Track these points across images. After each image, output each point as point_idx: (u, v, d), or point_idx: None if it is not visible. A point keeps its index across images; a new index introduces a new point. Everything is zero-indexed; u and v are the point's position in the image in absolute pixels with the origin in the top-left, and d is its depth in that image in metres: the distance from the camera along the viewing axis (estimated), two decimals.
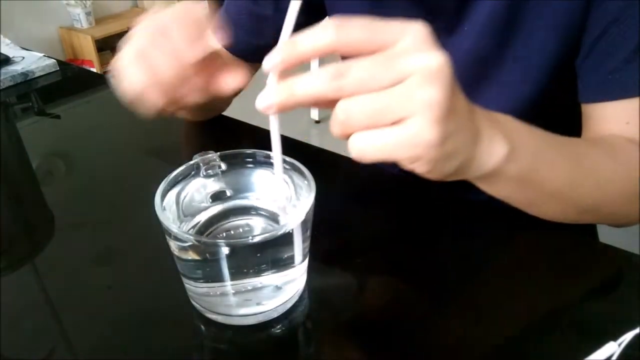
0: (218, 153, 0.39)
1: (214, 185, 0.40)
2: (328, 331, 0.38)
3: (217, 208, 0.40)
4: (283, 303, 0.37)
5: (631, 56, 0.44)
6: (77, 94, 0.77)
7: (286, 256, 0.35)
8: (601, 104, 0.47)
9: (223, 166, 0.39)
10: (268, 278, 0.35)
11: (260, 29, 0.58)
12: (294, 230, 0.34)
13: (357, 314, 0.39)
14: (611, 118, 0.47)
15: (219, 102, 0.61)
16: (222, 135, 0.62)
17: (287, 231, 0.33)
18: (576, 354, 0.34)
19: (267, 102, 0.30)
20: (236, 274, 0.34)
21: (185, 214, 0.38)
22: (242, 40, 0.57)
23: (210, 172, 0.39)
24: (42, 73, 0.80)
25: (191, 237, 0.33)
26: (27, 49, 0.86)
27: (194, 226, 0.39)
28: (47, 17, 2.56)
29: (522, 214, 0.44)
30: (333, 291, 0.41)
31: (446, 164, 0.32)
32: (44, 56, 0.83)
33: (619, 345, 0.34)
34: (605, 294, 0.39)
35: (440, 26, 0.53)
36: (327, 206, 0.38)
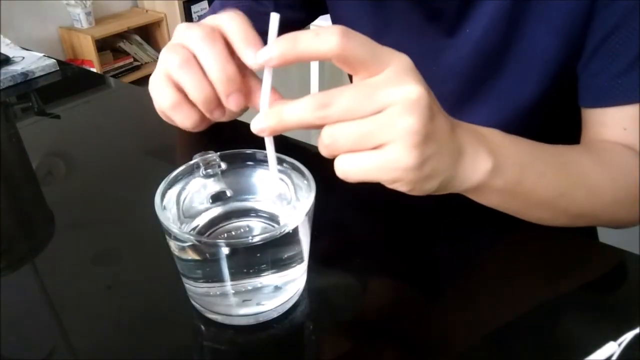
0: (218, 153, 0.39)
1: (214, 185, 0.40)
2: (328, 331, 0.38)
3: (217, 209, 0.40)
4: (283, 303, 0.37)
5: (632, 62, 0.44)
6: (77, 94, 0.77)
7: (286, 256, 0.35)
8: (600, 110, 0.47)
9: (223, 166, 0.39)
10: (268, 278, 0.35)
11: (260, 28, 0.58)
12: (299, 227, 0.34)
13: (357, 314, 0.39)
14: (609, 124, 0.47)
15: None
16: (222, 135, 0.62)
17: (287, 231, 0.33)
18: (576, 354, 0.34)
19: (259, 127, 0.32)
20: (236, 274, 0.34)
21: (185, 214, 0.39)
22: None
23: (210, 172, 0.39)
24: (42, 73, 0.80)
25: (191, 238, 0.33)
26: (27, 49, 0.86)
27: (194, 227, 0.39)
28: (47, 17, 2.56)
29: None
30: (333, 291, 0.41)
31: (426, 184, 0.34)
32: (44, 56, 0.83)
33: (619, 345, 0.34)
34: (605, 294, 0.39)
35: (441, 28, 0.53)
36: (327, 206, 0.38)
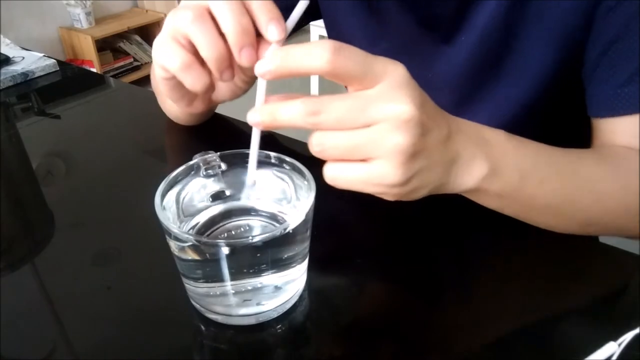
0: (218, 153, 0.39)
1: (214, 185, 0.40)
2: (328, 331, 0.38)
3: (217, 208, 0.40)
4: (283, 303, 0.37)
5: (634, 73, 0.43)
6: (77, 94, 0.77)
7: (286, 256, 0.35)
8: (609, 118, 0.46)
9: (223, 166, 0.39)
10: (268, 278, 0.35)
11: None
12: (299, 227, 0.34)
13: (357, 314, 0.39)
14: (619, 131, 0.46)
15: (198, 117, 0.61)
16: (222, 135, 0.62)
17: (287, 231, 0.33)
18: (576, 354, 0.34)
19: (254, 120, 0.32)
20: (236, 274, 0.34)
21: (185, 214, 0.39)
22: None
23: (210, 172, 0.39)
24: (42, 73, 0.80)
25: (191, 237, 0.33)
26: (27, 49, 0.86)
27: (194, 226, 0.39)
28: (47, 17, 2.56)
29: None
30: (333, 291, 0.41)
31: (413, 194, 0.34)
32: (44, 56, 0.83)
33: (619, 345, 0.34)
34: (605, 294, 0.39)
35: (436, 35, 0.53)
36: (327, 206, 0.38)
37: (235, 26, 0.33)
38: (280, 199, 0.40)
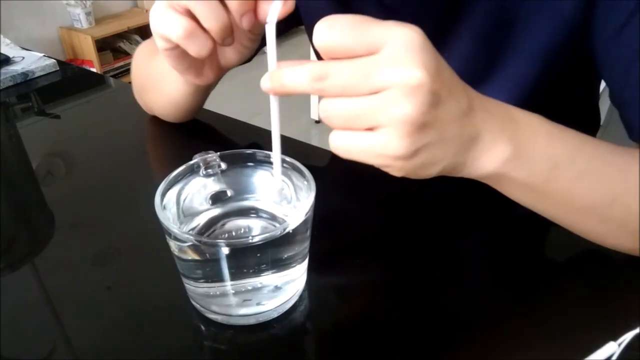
0: (218, 153, 0.39)
1: (214, 185, 0.40)
2: (328, 331, 0.38)
3: (217, 208, 0.40)
4: (283, 303, 0.37)
5: None
6: (77, 94, 0.77)
7: (286, 256, 0.35)
8: None
9: (223, 166, 0.39)
10: (268, 278, 0.35)
11: None
12: (299, 227, 0.34)
13: (357, 314, 0.39)
14: None
15: (198, 98, 0.59)
16: (222, 135, 0.62)
17: (287, 231, 0.33)
18: (576, 354, 0.34)
19: (264, 86, 0.31)
20: (236, 274, 0.34)
21: (185, 214, 0.39)
22: None
23: (210, 172, 0.39)
24: (42, 73, 0.80)
25: (191, 237, 0.33)
26: (27, 49, 0.86)
27: (194, 227, 0.39)
28: (47, 17, 2.56)
29: (522, 214, 0.44)
30: (333, 291, 0.41)
31: (422, 171, 0.32)
32: (44, 56, 0.83)
33: (619, 345, 0.34)
34: (605, 294, 0.39)
35: (427, 32, 0.53)
36: (327, 206, 0.38)
37: None
38: (280, 199, 0.40)
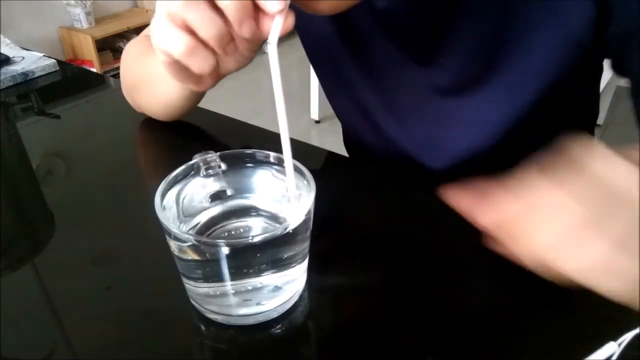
0: (218, 153, 0.39)
1: (214, 185, 0.40)
2: (328, 331, 0.38)
3: (217, 208, 0.40)
4: (283, 303, 0.37)
5: None
6: (77, 94, 0.77)
7: (286, 256, 0.35)
8: None
9: (223, 166, 0.39)
10: (268, 278, 0.35)
11: None
12: (299, 227, 0.34)
13: (357, 314, 0.39)
14: None
15: (193, 101, 0.59)
16: (222, 135, 0.62)
17: (287, 231, 0.33)
18: (576, 354, 0.34)
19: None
20: (236, 274, 0.34)
21: (185, 214, 0.39)
22: None
23: (210, 172, 0.39)
24: (42, 73, 0.80)
25: (191, 237, 0.33)
26: (27, 49, 0.86)
27: (194, 226, 0.39)
28: (47, 17, 2.56)
29: None
30: (333, 291, 0.41)
31: None
32: (44, 56, 0.83)
33: (619, 345, 0.34)
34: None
35: (412, 57, 0.53)
36: (327, 206, 0.38)
37: (232, 1, 0.32)
38: (280, 199, 0.40)
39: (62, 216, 0.49)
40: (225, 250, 0.32)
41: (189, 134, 0.61)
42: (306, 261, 0.38)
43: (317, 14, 0.40)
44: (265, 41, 0.36)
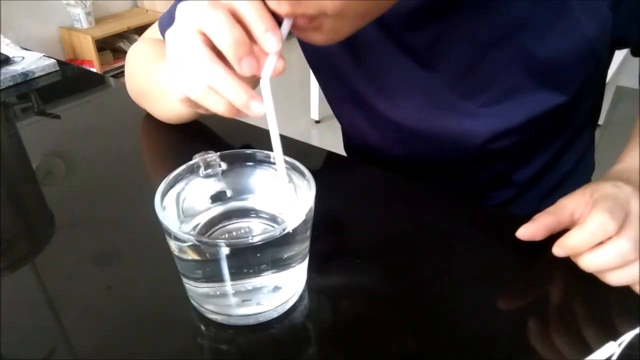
0: (218, 153, 0.39)
1: (214, 185, 0.40)
2: (328, 331, 0.38)
3: (217, 209, 0.40)
4: (283, 303, 0.37)
5: None
6: (77, 94, 0.77)
7: (286, 256, 0.35)
8: None
9: (223, 166, 0.39)
10: (268, 278, 0.35)
11: None
12: (299, 227, 0.34)
13: (357, 314, 0.39)
14: None
15: (201, 113, 0.59)
16: (222, 135, 0.62)
17: (287, 231, 0.33)
18: (576, 354, 0.34)
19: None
20: (236, 274, 0.34)
21: (185, 215, 0.39)
22: None
23: (210, 172, 0.39)
24: (42, 73, 0.80)
25: (191, 238, 0.33)
26: (27, 49, 0.86)
27: (194, 227, 0.39)
28: (47, 17, 2.56)
29: (523, 215, 0.44)
30: (333, 291, 0.41)
31: None
32: (44, 56, 0.83)
33: (619, 345, 0.34)
34: (605, 294, 0.39)
35: (416, 61, 0.53)
36: (327, 206, 0.38)
37: (229, 40, 0.32)
38: (280, 199, 0.40)
39: (62, 216, 0.49)
40: (225, 250, 0.32)
41: (189, 134, 0.61)
42: (306, 261, 0.38)
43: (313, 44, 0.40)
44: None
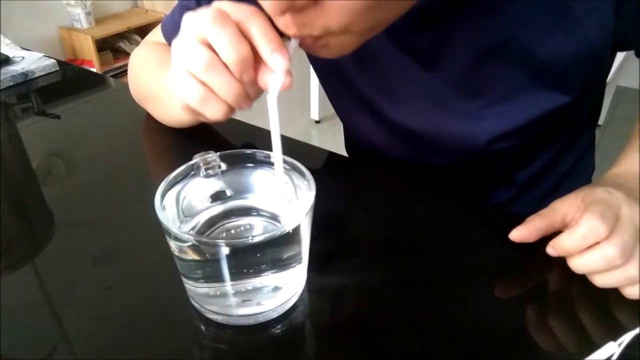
0: (218, 153, 0.39)
1: (214, 185, 0.40)
2: (328, 331, 0.38)
3: (217, 208, 0.40)
4: (283, 303, 0.37)
5: None
6: (77, 94, 0.77)
7: (286, 256, 0.35)
8: None
9: (223, 166, 0.39)
10: (268, 278, 0.35)
11: None
12: (299, 227, 0.34)
13: (357, 314, 0.39)
14: None
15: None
16: (222, 135, 0.62)
17: (287, 231, 0.33)
18: (576, 354, 0.34)
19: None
20: (236, 274, 0.34)
21: (185, 214, 0.39)
22: None
23: (210, 172, 0.39)
24: (42, 73, 0.80)
25: (191, 237, 0.33)
26: (27, 49, 0.86)
27: (194, 226, 0.39)
28: (47, 17, 2.56)
29: (523, 215, 0.44)
30: (333, 291, 0.41)
31: None
32: (44, 56, 0.83)
33: (619, 345, 0.34)
34: (605, 294, 0.39)
35: (420, 62, 0.53)
36: (327, 206, 0.38)
37: (235, 57, 0.34)
38: (280, 199, 0.40)
39: (62, 216, 0.49)
40: (225, 250, 0.32)
41: (189, 134, 0.61)
42: (306, 261, 0.38)
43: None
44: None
